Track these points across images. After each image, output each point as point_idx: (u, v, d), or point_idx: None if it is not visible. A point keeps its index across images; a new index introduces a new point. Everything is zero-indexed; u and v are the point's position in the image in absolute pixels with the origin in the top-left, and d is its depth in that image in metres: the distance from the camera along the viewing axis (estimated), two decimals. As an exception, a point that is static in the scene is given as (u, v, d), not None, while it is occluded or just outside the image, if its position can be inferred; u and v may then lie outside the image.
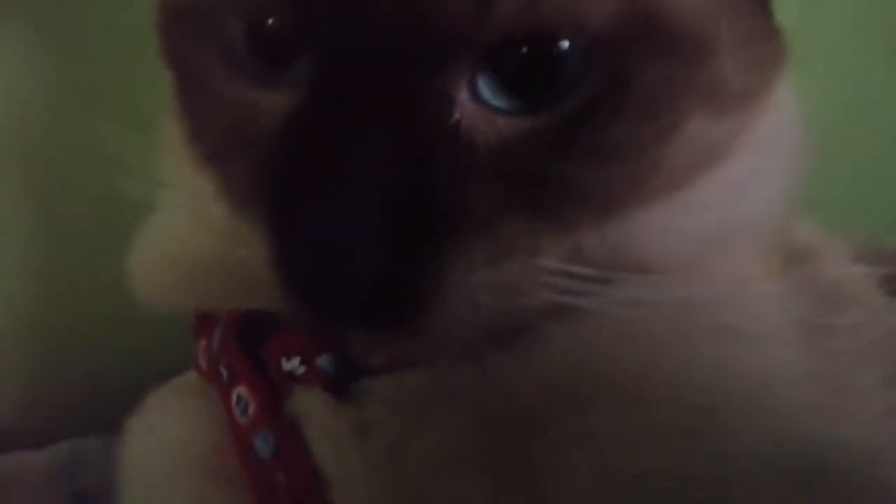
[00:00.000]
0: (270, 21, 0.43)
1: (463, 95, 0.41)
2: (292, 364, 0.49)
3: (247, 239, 0.46)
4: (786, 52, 0.48)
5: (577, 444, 0.43)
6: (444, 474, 0.44)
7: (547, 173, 0.41)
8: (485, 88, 0.41)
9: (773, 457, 0.44)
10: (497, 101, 0.41)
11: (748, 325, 0.49)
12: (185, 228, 0.58)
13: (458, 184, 0.40)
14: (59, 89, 0.78)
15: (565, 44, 0.40)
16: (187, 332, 0.58)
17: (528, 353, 0.46)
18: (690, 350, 0.46)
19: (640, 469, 0.42)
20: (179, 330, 0.59)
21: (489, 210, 0.41)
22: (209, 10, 0.46)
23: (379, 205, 0.39)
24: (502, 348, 0.46)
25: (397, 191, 0.39)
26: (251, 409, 0.50)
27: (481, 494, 0.43)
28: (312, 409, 0.49)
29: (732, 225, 0.50)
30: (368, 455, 0.47)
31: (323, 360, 0.49)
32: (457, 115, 0.40)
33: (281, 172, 0.42)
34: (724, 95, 0.44)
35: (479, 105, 0.41)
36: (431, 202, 0.40)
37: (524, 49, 0.40)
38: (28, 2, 0.77)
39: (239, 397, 0.51)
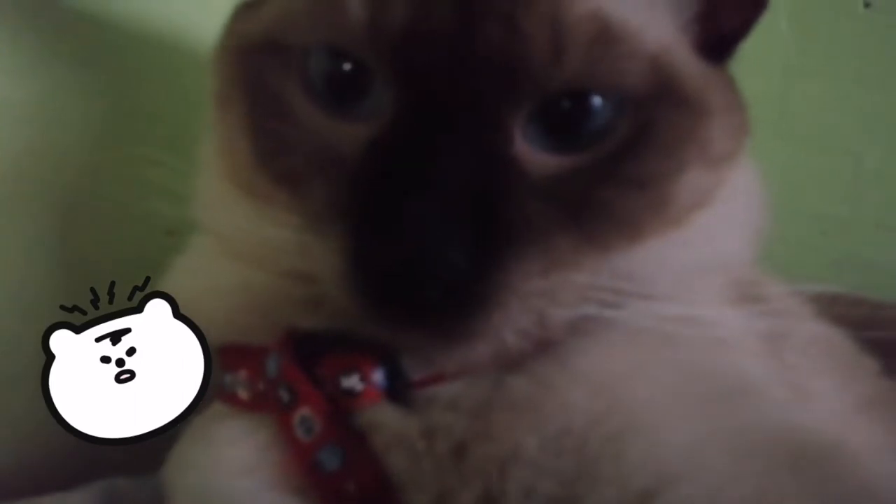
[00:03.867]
0: (350, 62, 0.51)
1: (518, 135, 0.50)
2: (351, 381, 0.54)
3: (312, 256, 0.52)
4: (750, 124, 0.60)
5: (631, 433, 0.50)
6: (511, 469, 0.51)
7: (588, 200, 0.51)
8: (533, 132, 0.51)
9: (767, 438, 0.53)
10: (544, 143, 0.51)
11: (733, 338, 0.60)
12: (218, 261, 0.63)
13: (517, 205, 0.49)
14: (100, 117, 0.82)
15: (598, 99, 0.50)
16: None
17: (572, 363, 0.54)
18: (695, 354, 0.56)
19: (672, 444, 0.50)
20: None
21: (543, 228, 0.50)
22: (293, 45, 0.53)
23: (460, 216, 0.47)
24: (546, 358, 0.54)
25: (474, 206, 0.48)
26: (316, 428, 0.54)
27: (547, 484, 0.50)
28: (380, 419, 0.54)
29: (712, 260, 0.61)
30: (437, 456, 0.52)
31: (378, 376, 0.54)
32: (514, 151, 0.50)
33: (368, 189, 0.49)
34: (713, 152, 0.55)
35: (530, 145, 0.50)
36: (498, 218, 0.48)
37: (566, 103, 0.50)
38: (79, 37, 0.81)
39: (302, 418, 0.55)
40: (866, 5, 1.23)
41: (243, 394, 0.59)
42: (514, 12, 0.48)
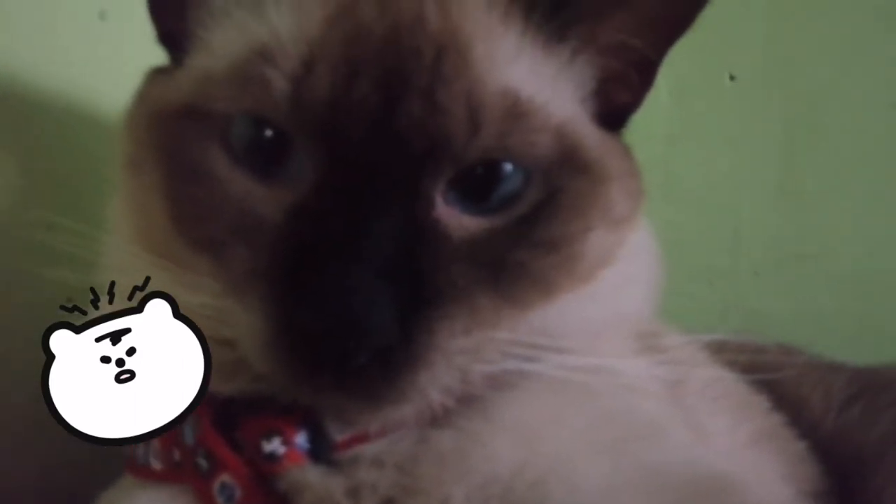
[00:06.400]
0: (271, 129, 0.52)
1: (439, 199, 0.53)
2: (273, 445, 0.54)
3: (232, 322, 0.52)
4: (644, 188, 0.65)
5: (552, 478, 0.52)
6: None
7: (504, 261, 0.54)
8: (452, 196, 0.53)
9: (672, 475, 0.57)
10: (462, 207, 0.53)
11: (639, 384, 0.64)
12: None
13: (440, 266, 0.51)
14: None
15: (509, 166, 0.54)
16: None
17: (495, 414, 0.56)
18: (605, 402, 0.59)
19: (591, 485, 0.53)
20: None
21: (465, 288, 0.52)
22: (214, 112, 0.54)
23: (385, 280, 0.49)
24: (469, 411, 0.56)
25: (399, 269, 0.49)
26: (237, 494, 0.54)
27: None
28: (303, 480, 0.54)
29: (617, 313, 0.65)
30: None
31: (300, 438, 0.54)
32: (435, 214, 0.52)
33: (291, 254, 0.50)
34: (615, 214, 0.60)
35: (450, 208, 0.53)
36: (422, 280, 0.50)
37: (479, 170, 0.54)
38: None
39: (223, 485, 0.54)
40: (732, 78, 1.37)
41: (156, 465, 0.58)
42: (432, 89, 0.51)
